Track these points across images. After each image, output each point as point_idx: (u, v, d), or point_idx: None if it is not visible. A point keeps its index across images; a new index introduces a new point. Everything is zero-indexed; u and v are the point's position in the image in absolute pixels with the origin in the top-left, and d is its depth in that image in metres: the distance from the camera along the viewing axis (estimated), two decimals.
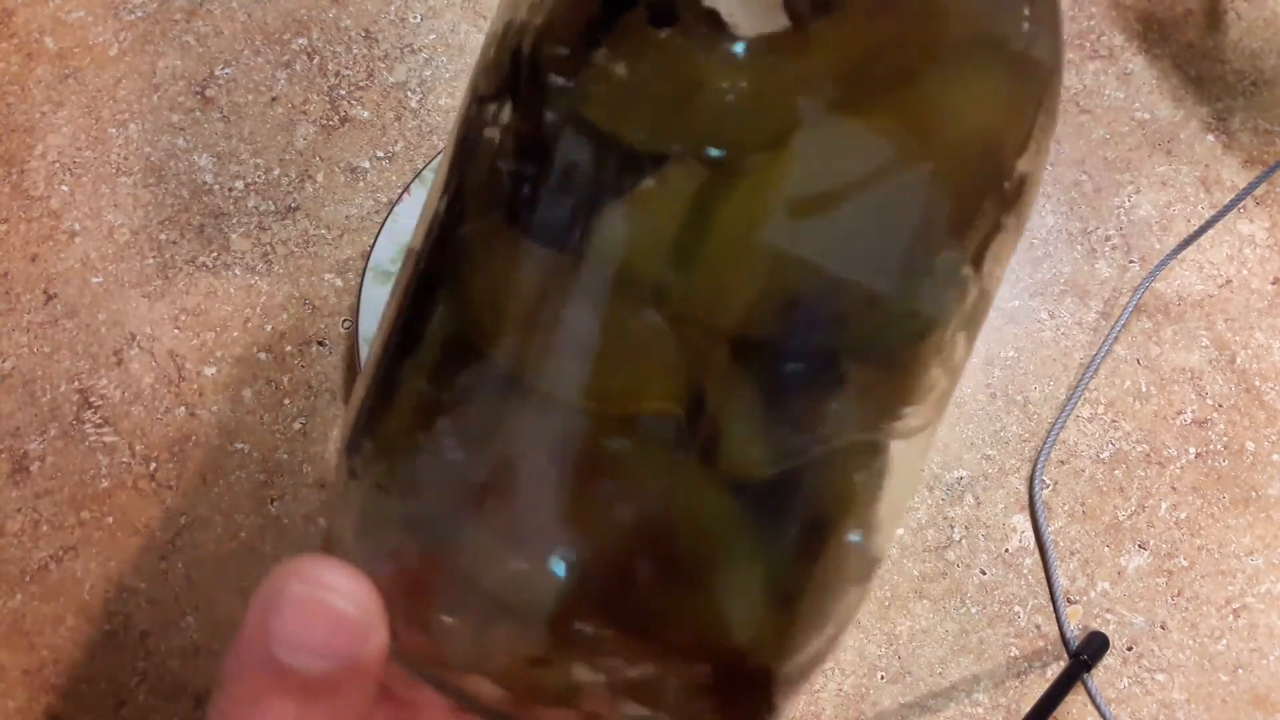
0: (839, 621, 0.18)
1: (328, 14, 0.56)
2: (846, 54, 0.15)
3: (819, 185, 0.15)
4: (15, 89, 0.54)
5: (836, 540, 0.17)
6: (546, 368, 0.16)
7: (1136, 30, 0.59)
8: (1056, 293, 0.53)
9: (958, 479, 0.49)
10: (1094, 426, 0.51)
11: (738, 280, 0.15)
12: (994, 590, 0.48)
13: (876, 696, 0.46)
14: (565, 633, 0.16)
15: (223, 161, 0.53)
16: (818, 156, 0.15)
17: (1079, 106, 0.57)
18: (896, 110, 0.16)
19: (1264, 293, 0.53)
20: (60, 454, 0.47)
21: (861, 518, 0.18)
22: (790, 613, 0.17)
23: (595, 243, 0.15)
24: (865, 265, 0.16)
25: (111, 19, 0.55)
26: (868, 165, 0.15)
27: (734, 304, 0.15)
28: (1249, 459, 0.50)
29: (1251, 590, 0.48)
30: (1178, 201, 0.55)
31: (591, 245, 0.15)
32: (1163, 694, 0.47)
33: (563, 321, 0.16)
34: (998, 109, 0.17)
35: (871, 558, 0.18)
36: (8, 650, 0.45)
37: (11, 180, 0.52)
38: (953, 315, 0.17)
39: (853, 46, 0.15)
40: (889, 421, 0.17)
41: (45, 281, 0.50)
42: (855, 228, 0.16)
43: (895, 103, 0.16)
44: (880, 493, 0.18)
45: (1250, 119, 0.57)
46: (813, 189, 0.15)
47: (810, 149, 0.15)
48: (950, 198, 0.16)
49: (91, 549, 0.46)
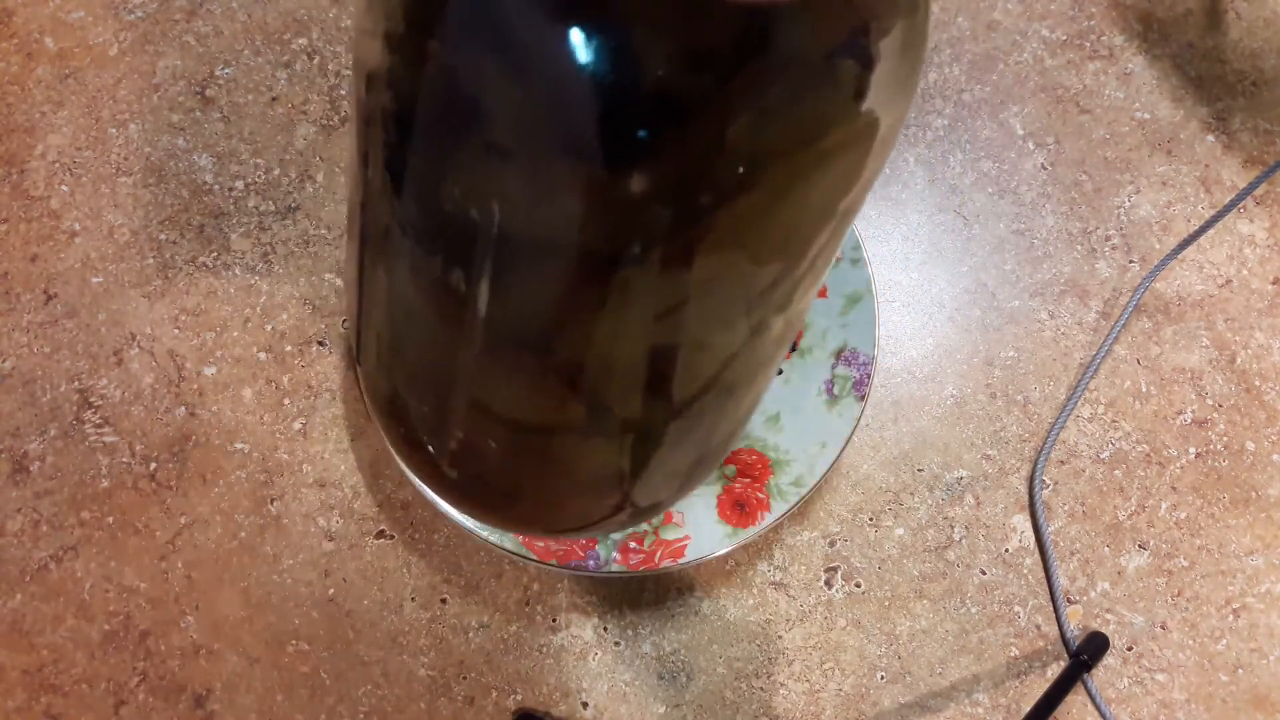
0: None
1: (328, 14, 0.56)
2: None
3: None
4: (15, 89, 0.54)
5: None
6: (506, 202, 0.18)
7: (1136, 30, 0.59)
8: (1056, 293, 0.53)
9: (958, 479, 0.49)
10: (1094, 426, 0.51)
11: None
12: (994, 590, 0.48)
13: (876, 696, 0.46)
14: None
15: (223, 161, 0.53)
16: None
17: (1079, 106, 0.57)
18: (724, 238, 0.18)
19: (1264, 293, 0.53)
20: (60, 454, 0.47)
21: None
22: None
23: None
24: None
25: (111, 19, 0.55)
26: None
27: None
28: (1249, 459, 0.50)
29: (1251, 590, 0.48)
30: (1178, 201, 0.55)
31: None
32: (1163, 694, 0.47)
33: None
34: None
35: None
36: (8, 650, 0.45)
37: (11, 180, 0.52)
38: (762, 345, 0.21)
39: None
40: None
41: (45, 281, 0.50)
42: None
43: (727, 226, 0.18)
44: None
45: (1250, 119, 0.57)
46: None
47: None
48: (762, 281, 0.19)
49: (91, 549, 0.46)
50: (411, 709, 0.45)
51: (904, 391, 0.51)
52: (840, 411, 0.46)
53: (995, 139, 0.56)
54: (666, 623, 0.46)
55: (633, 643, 0.46)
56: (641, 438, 0.20)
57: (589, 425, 0.20)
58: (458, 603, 0.46)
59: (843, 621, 0.47)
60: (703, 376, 0.20)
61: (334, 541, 0.47)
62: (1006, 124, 0.56)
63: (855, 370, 0.47)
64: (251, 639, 0.45)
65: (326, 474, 0.48)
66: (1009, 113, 0.57)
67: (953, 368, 0.51)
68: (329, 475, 0.48)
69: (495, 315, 0.18)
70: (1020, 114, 0.57)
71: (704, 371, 0.20)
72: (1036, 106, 0.57)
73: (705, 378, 0.20)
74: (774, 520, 0.44)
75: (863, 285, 0.48)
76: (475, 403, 0.19)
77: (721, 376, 0.20)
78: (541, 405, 0.19)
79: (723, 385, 0.21)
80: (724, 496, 0.45)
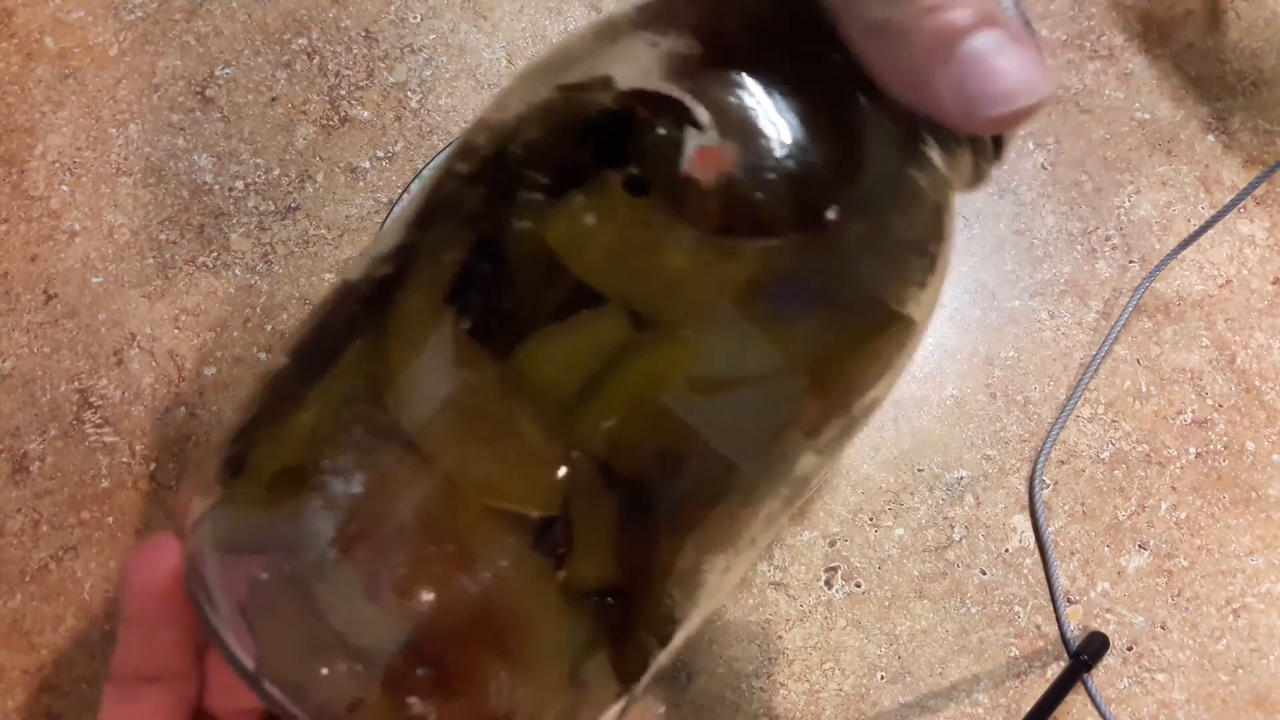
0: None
1: (328, 14, 0.56)
2: (763, 274, 0.19)
3: (718, 371, 0.19)
4: (15, 89, 0.54)
5: (638, 646, 0.21)
6: (441, 443, 0.18)
7: (1136, 30, 0.59)
8: (1056, 293, 0.53)
9: (958, 479, 0.49)
10: (1094, 426, 0.51)
11: (630, 426, 0.18)
12: (994, 590, 0.48)
13: (876, 696, 0.46)
14: (395, 681, 0.18)
15: (223, 161, 0.53)
16: (723, 349, 0.19)
17: (1079, 106, 0.57)
18: (791, 333, 0.19)
19: (1264, 293, 0.53)
20: (60, 454, 0.47)
21: (664, 630, 0.21)
22: (582, 697, 0.20)
23: (520, 354, 0.18)
24: (734, 443, 0.19)
25: (111, 19, 0.55)
26: (757, 368, 0.19)
27: (619, 443, 0.18)
28: (1249, 459, 0.50)
29: (1251, 590, 0.48)
30: (1178, 201, 0.55)
31: (516, 355, 0.18)
32: (1163, 694, 0.47)
33: (465, 409, 0.18)
34: (869, 358, 0.21)
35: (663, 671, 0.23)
36: (8, 650, 0.45)
37: (11, 180, 0.52)
38: (787, 485, 0.22)
39: (769, 269, 0.19)
40: (712, 556, 0.21)
41: (45, 281, 0.50)
42: (735, 412, 0.19)
43: (793, 324, 0.19)
44: (688, 610, 0.21)
45: (1250, 119, 0.57)
46: (712, 372, 0.19)
47: (718, 341, 0.19)
48: (812, 408, 0.20)
49: (91, 549, 0.46)
50: None
51: (904, 391, 0.51)
52: None
53: None
54: None
55: None
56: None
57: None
58: None
59: (843, 621, 0.47)
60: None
61: None
62: None
63: None
64: None
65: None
66: None
67: (953, 368, 0.51)
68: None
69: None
70: None
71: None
72: None
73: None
74: None
75: None
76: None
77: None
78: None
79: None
80: None
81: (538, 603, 0.18)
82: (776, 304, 0.19)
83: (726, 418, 0.19)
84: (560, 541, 0.18)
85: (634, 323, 0.18)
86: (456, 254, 0.19)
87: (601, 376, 0.18)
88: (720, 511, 0.20)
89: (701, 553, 0.20)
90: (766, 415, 0.19)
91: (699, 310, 0.18)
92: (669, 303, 0.18)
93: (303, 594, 0.18)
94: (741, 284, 0.18)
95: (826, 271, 0.19)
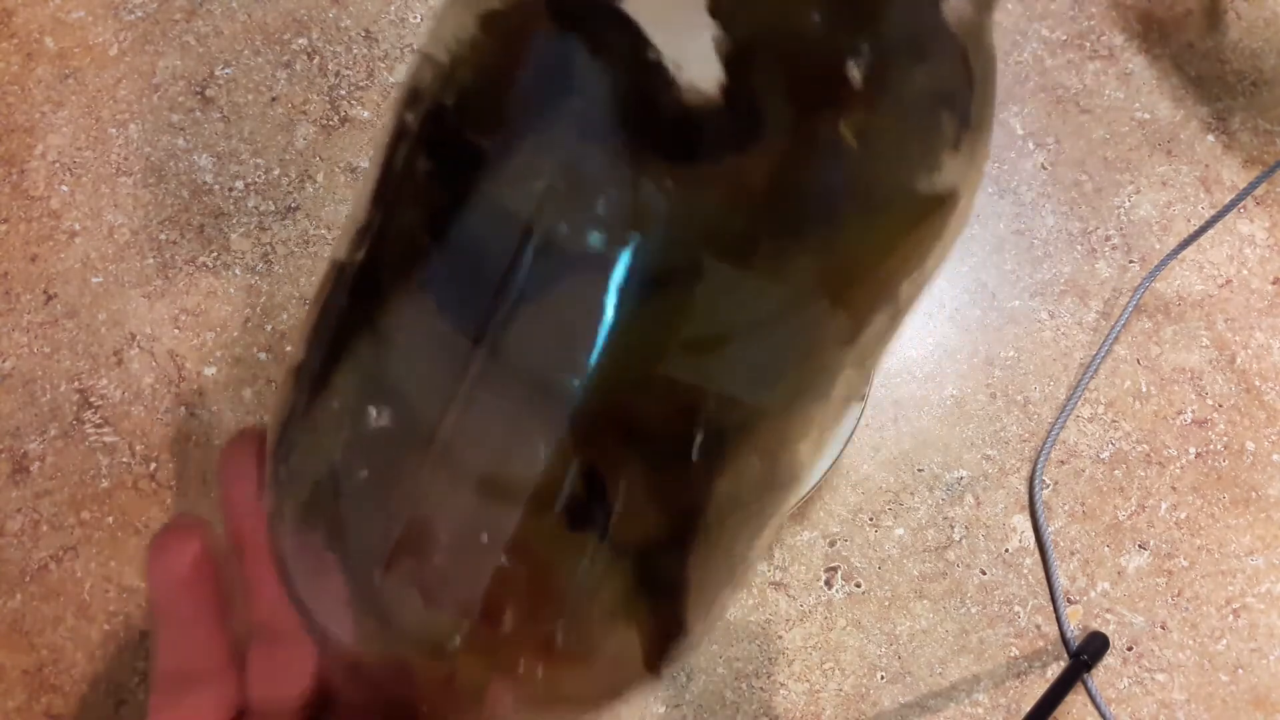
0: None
1: (328, 14, 0.56)
2: (755, 194, 0.16)
3: (715, 328, 0.17)
4: (15, 89, 0.54)
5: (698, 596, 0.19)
6: (455, 445, 0.17)
7: (1136, 30, 0.59)
8: (1056, 293, 0.53)
9: (958, 479, 0.49)
10: (1094, 426, 0.51)
11: (635, 399, 0.17)
12: (994, 590, 0.48)
13: (876, 696, 0.46)
14: (462, 665, 0.18)
15: (223, 161, 0.53)
16: (715, 302, 0.17)
17: (1079, 106, 0.57)
18: (800, 253, 0.16)
19: (1264, 293, 0.53)
20: (60, 454, 0.47)
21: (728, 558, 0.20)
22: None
23: (510, 341, 0.17)
24: (751, 386, 0.17)
25: (111, 19, 0.55)
26: (763, 311, 0.17)
27: (629, 415, 0.17)
28: (1249, 459, 0.50)
29: (1251, 590, 0.48)
30: (1178, 201, 0.55)
31: (505, 342, 0.17)
32: (1163, 694, 0.47)
33: (473, 403, 0.17)
34: (904, 256, 0.18)
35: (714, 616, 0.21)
36: (8, 650, 0.45)
37: (11, 180, 0.52)
38: (825, 404, 0.19)
39: (763, 186, 0.16)
40: (754, 496, 0.19)
41: (45, 281, 0.50)
42: (747, 358, 0.17)
43: (800, 247, 0.16)
44: (725, 544, 0.19)
45: (1250, 119, 0.57)
46: (708, 331, 0.17)
47: (707, 295, 0.16)
48: (842, 322, 0.18)
49: (91, 549, 0.46)
50: None
51: (904, 391, 0.51)
52: None
53: (995, 139, 0.56)
54: None
55: None
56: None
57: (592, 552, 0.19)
58: None
59: (843, 621, 0.47)
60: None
61: None
62: (1006, 124, 0.56)
63: None
64: None
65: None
66: (1009, 113, 0.57)
67: (953, 368, 0.51)
68: None
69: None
70: (1020, 114, 0.57)
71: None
72: (1036, 106, 0.57)
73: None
74: None
75: None
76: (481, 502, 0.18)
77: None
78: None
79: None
80: None
81: (587, 571, 0.18)
82: (772, 232, 0.16)
83: (741, 367, 0.17)
84: (596, 516, 0.17)
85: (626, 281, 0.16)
86: (419, 235, 0.17)
87: (599, 355, 0.17)
88: (764, 430, 0.18)
89: (737, 491, 0.19)
90: (785, 351, 0.17)
91: (681, 263, 0.16)
92: (650, 258, 0.16)
93: (365, 587, 0.18)
94: (722, 219, 0.16)
95: (827, 174, 0.16)
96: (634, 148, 0.16)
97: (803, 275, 0.17)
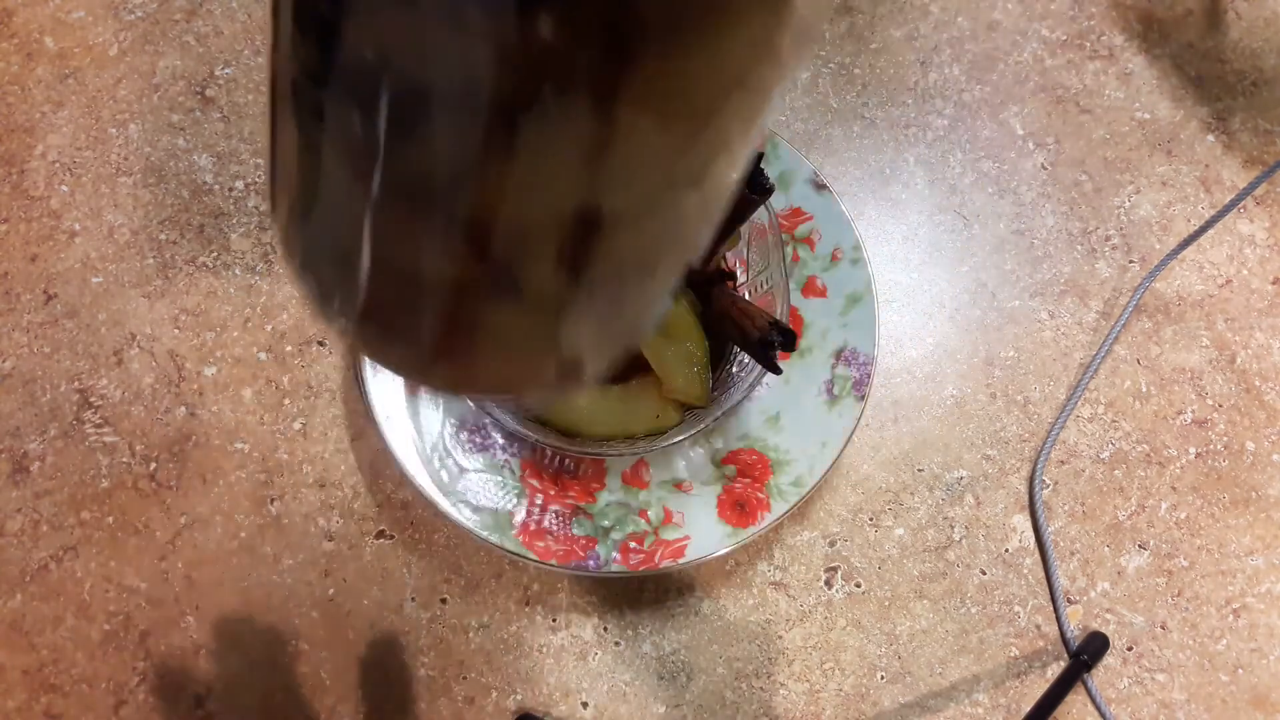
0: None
1: None
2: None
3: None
4: (15, 89, 0.54)
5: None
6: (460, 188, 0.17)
7: (1136, 30, 0.59)
8: (1056, 293, 0.53)
9: (958, 479, 0.49)
10: (1094, 426, 0.51)
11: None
12: (994, 590, 0.48)
13: (876, 696, 0.46)
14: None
15: (223, 161, 0.53)
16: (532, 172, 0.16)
17: (1079, 106, 0.57)
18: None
19: (1264, 293, 0.53)
20: (60, 454, 0.47)
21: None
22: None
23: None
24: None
25: (111, 19, 0.55)
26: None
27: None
28: (1249, 459, 0.50)
29: (1251, 590, 0.48)
30: (1178, 201, 0.55)
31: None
32: (1163, 694, 0.47)
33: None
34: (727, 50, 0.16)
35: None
36: (8, 650, 0.45)
37: (11, 180, 0.52)
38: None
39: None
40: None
41: (45, 281, 0.50)
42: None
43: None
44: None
45: (1250, 119, 0.57)
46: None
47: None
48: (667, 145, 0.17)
49: (91, 549, 0.46)
50: (411, 709, 0.45)
51: (904, 391, 0.51)
52: (840, 411, 0.46)
53: (995, 139, 0.56)
54: (666, 623, 0.46)
55: (633, 643, 0.46)
56: (547, 304, 0.20)
57: (494, 286, 0.19)
58: (458, 603, 0.46)
59: (843, 621, 0.47)
60: (612, 247, 0.19)
61: (334, 542, 0.47)
62: (1006, 124, 0.56)
63: (855, 370, 0.47)
64: (251, 639, 0.45)
65: (326, 474, 0.48)
66: (1009, 113, 0.57)
67: (953, 368, 0.51)
68: (329, 475, 0.48)
69: (399, 167, 0.17)
70: (1020, 114, 0.57)
71: (614, 242, 0.19)
72: (1036, 106, 0.57)
73: (614, 247, 0.19)
74: (774, 520, 0.44)
75: (862, 285, 0.48)
76: (380, 259, 0.19)
77: (631, 247, 0.19)
78: (445, 264, 0.19)
79: (631, 257, 0.20)
80: (724, 496, 0.45)
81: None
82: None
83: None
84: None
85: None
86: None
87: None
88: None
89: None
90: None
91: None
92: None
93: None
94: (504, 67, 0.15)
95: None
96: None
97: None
